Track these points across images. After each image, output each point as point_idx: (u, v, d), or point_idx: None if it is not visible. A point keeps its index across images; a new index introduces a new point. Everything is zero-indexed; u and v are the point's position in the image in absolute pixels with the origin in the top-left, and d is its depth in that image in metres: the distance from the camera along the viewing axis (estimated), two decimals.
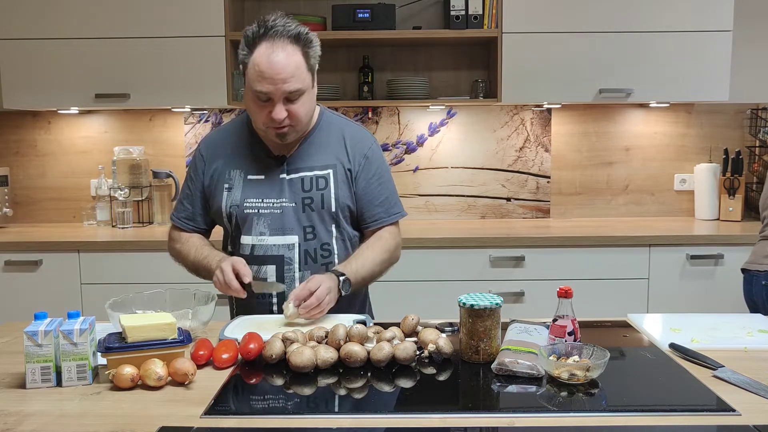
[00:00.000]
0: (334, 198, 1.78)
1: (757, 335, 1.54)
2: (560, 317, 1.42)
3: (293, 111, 1.68)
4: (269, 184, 1.78)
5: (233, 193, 1.79)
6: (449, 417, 1.16)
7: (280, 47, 1.65)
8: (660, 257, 2.90)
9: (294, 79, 1.65)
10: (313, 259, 1.78)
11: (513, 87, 3.03)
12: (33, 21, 3.03)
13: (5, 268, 2.93)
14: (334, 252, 1.80)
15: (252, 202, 1.77)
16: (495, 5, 3.02)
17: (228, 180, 1.80)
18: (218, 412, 1.18)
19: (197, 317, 1.54)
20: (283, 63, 1.64)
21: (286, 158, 1.79)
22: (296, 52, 1.66)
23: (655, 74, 3.03)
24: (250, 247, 1.78)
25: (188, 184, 1.88)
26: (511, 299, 2.86)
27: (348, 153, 1.82)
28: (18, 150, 3.46)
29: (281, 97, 1.66)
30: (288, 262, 1.76)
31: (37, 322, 1.33)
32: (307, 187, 1.77)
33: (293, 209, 1.76)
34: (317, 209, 1.77)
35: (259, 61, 1.65)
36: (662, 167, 3.43)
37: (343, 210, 1.80)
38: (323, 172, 1.79)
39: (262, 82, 1.64)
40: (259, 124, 1.73)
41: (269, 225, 1.76)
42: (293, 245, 1.76)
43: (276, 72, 1.63)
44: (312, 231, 1.77)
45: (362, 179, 1.81)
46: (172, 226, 1.93)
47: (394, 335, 1.43)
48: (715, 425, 1.13)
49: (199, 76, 3.04)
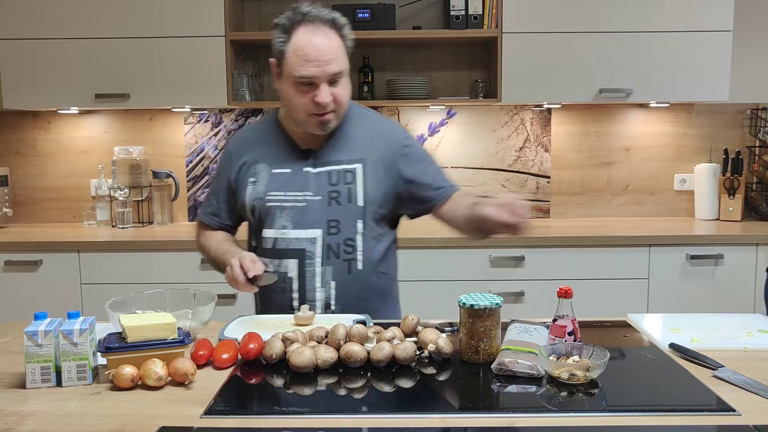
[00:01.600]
0: (362, 192, 1.74)
1: (757, 335, 1.54)
2: (560, 317, 1.42)
3: (336, 94, 1.67)
4: (294, 178, 1.76)
5: (257, 187, 1.77)
6: (449, 417, 1.16)
7: (321, 31, 1.66)
8: (660, 257, 2.90)
9: (337, 61, 1.65)
10: (336, 254, 1.74)
11: (513, 87, 3.03)
12: (33, 21, 3.03)
13: (5, 268, 2.93)
14: (358, 248, 1.75)
15: (275, 195, 1.75)
16: (495, 5, 3.02)
17: (254, 174, 1.79)
18: (218, 412, 1.18)
19: (197, 317, 1.54)
20: (326, 45, 1.64)
21: (312, 152, 1.77)
22: (335, 35, 1.67)
23: (655, 74, 3.03)
24: (272, 240, 1.75)
25: (215, 180, 1.89)
26: (511, 299, 2.86)
27: (382, 147, 1.78)
28: (18, 150, 3.46)
29: (325, 79, 1.65)
30: (309, 257, 1.73)
31: (37, 322, 1.33)
32: (335, 181, 1.74)
33: (319, 202, 1.73)
34: (344, 203, 1.74)
35: (301, 45, 1.64)
36: (662, 167, 3.43)
37: (371, 205, 1.75)
38: (351, 166, 1.76)
39: (306, 65, 1.63)
40: (300, 113, 1.70)
41: (292, 218, 1.74)
42: (316, 239, 1.73)
43: (321, 53, 1.63)
44: (336, 225, 1.73)
45: (407, 167, 1.79)
46: (199, 221, 1.94)
47: (394, 335, 1.43)
48: (715, 425, 1.13)
49: (199, 76, 3.04)
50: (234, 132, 1.96)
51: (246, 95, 3.16)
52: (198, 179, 3.45)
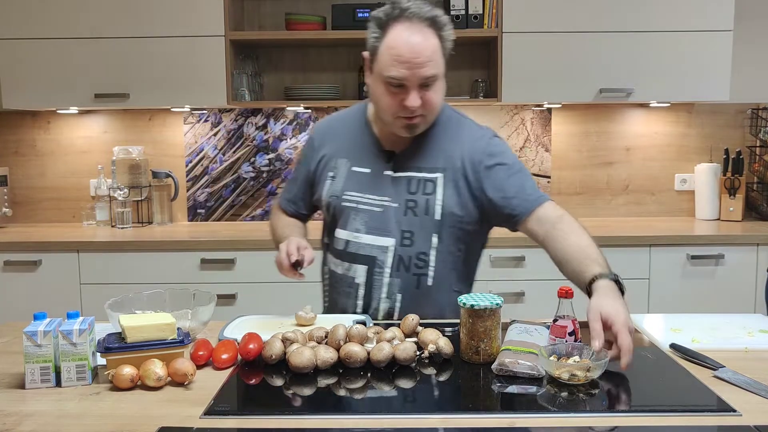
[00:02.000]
0: (441, 205, 1.65)
1: (758, 335, 1.53)
2: (561, 317, 1.42)
3: (427, 99, 1.57)
4: (373, 180, 1.68)
5: (336, 183, 1.72)
6: (449, 417, 1.15)
7: (418, 29, 1.53)
8: (660, 257, 2.90)
9: (431, 64, 1.54)
10: (406, 267, 1.66)
11: (513, 87, 3.03)
12: (33, 21, 3.03)
13: (5, 268, 2.92)
14: (430, 264, 1.66)
15: (352, 195, 1.69)
16: (495, 5, 3.02)
17: (333, 168, 1.73)
18: (218, 412, 1.17)
19: (197, 317, 1.54)
20: (421, 46, 1.53)
21: (395, 154, 1.69)
22: (433, 36, 1.56)
23: (655, 74, 3.03)
24: (344, 242, 1.70)
25: (297, 166, 1.87)
26: (511, 299, 2.86)
27: (467, 157, 1.67)
28: (17, 150, 3.46)
29: (417, 83, 1.54)
30: (380, 265, 1.66)
31: (36, 322, 1.32)
32: (413, 189, 1.66)
33: (394, 210, 1.66)
34: (420, 215, 1.65)
35: (395, 44, 1.53)
36: (663, 167, 3.43)
37: (449, 219, 1.65)
38: (432, 175, 1.66)
39: (398, 66, 1.53)
40: (387, 114, 1.61)
41: (366, 222, 1.67)
42: (388, 248, 1.65)
43: (414, 55, 1.52)
44: (410, 237, 1.65)
45: (490, 178, 1.66)
46: (278, 204, 1.94)
47: (394, 335, 1.43)
48: (716, 425, 1.13)
49: (199, 76, 3.04)
50: (322, 119, 1.90)
51: (246, 95, 3.15)
52: (197, 179, 3.45)
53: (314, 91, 3.17)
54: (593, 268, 1.45)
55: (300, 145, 3.42)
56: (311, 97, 3.16)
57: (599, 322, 1.30)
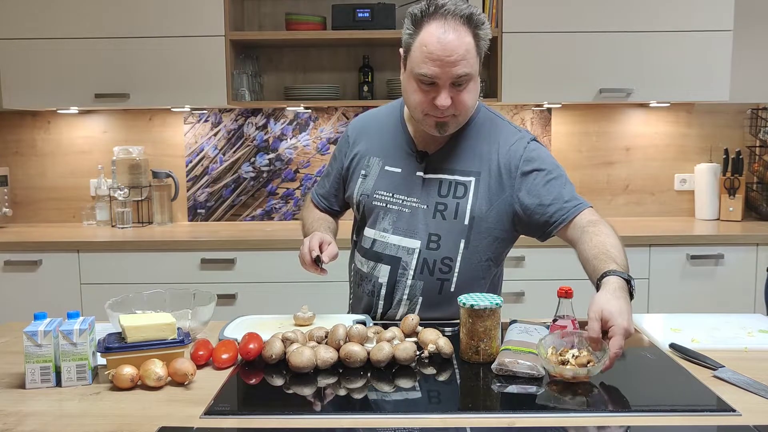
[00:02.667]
0: (470, 209, 1.62)
1: (758, 335, 1.54)
2: (560, 317, 1.42)
3: (458, 99, 1.54)
4: (403, 179, 1.67)
5: (367, 181, 1.71)
6: (449, 417, 1.16)
7: (452, 27, 1.50)
8: (660, 257, 2.90)
9: (464, 63, 1.51)
10: (430, 270, 1.64)
11: (513, 87, 3.03)
12: (33, 21, 3.03)
13: (5, 268, 2.93)
14: (455, 269, 1.64)
15: (382, 194, 1.68)
16: (495, 5, 3.02)
17: (366, 167, 1.73)
18: (218, 412, 1.17)
19: (197, 317, 1.54)
20: (454, 44, 1.49)
21: (428, 155, 1.67)
22: (468, 34, 1.51)
23: (655, 74, 3.03)
24: (372, 241, 1.69)
25: (331, 162, 1.87)
26: (511, 299, 2.86)
27: (502, 161, 1.64)
28: (18, 150, 3.46)
29: (448, 81, 1.52)
30: (404, 267, 1.64)
31: (36, 322, 1.33)
32: (444, 192, 1.64)
33: (423, 212, 1.64)
34: (449, 218, 1.63)
35: (428, 41, 1.50)
36: (662, 167, 3.43)
37: (479, 225, 1.63)
38: (465, 179, 1.64)
39: (429, 63, 1.50)
40: (417, 112, 1.59)
41: (393, 222, 1.66)
42: (414, 250, 1.64)
43: (447, 53, 1.49)
44: (437, 240, 1.63)
45: (525, 185, 1.62)
46: (311, 198, 1.94)
47: (394, 335, 1.43)
48: (716, 425, 1.13)
49: (199, 76, 3.04)
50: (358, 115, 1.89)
51: (246, 95, 3.15)
52: (198, 179, 3.45)
53: (314, 91, 3.17)
54: (608, 264, 1.42)
55: (300, 145, 3.42)
56: (311, 97, 3.17)
57: (598, 322, 1.28)
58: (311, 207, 1.91)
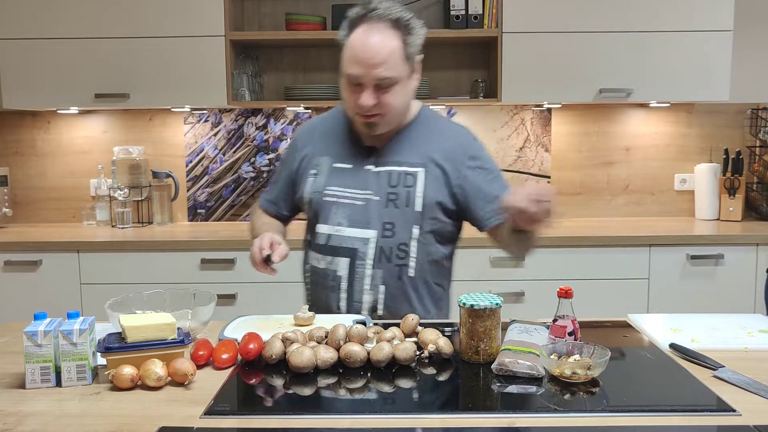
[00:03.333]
0: (421, 197, 1.70)
1: (758, 335, 1.54)
2: (560, 317, 1.42)
3: (383, 100, 1.62)
4: (354, 175, 1.73)
5: (318, 180, 1.76)
6: (449, 417, 1.16)
7: (378, 31, 1.59)
8: (660, 257, 2.90)
9: (386, 66, 1.59)
10: (388, 258, 1.70)
11: (513, 87, 3.03)
12: (33, 21, 3.03)
13: (5, 268, 2.93)
14: (411, 254, 1.71)
15: (333, 190, 1.73)
16: (495, 5, 3.02)
17: (315, 166, 1.78)
18: (218, 412, 1.17)
19: (197, 317, 1.54)
20: (377, 47, 1.58)
21: (376, 149, 1.74)
22: (394, 38, 1.60)
23: (655, 74, 3.03)
24: (327, 236, 1.73)
25: (280, 168, 1.91)
26: (511, 299, 2.86)
27: (448, 155, 1.73)
28: (18, 150, 3.46)
29: (371, 82, 1.60)
30: (361, 257, 1.70)
31: (36, 322, 1.33)
32: (394, 182, 1.71)
33: (376, 203, 1.70)
34: (401, 206, 1.70)
35: (354, 44, 1.60)
36: (662, 167, 3.43)
37: (429, 211, 1.71)
38: (413, 169, 1.71)
39: (354, 65, 1.60)
40: (349, 111, 1.69)
41: (348, 216, 1.71)
42: (369, 240, 1.69)
43: (368, 56, 1.58)
44: (391, 228, 1.69)
45: (472, 179, 1.73)
46: (259, 204, 1.96)
47: (394, 335, 1.43)
48: (715, 425, 1.13)
49: (199, 76, 3.04)
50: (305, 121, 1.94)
51: (246, 95, 3.15)
52: (198, 179, 3.45)
53: (314, 91, 3.17)
54: None
55: None
56: (311, 97, 3.16)
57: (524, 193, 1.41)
58: (260, 213, 1.93)
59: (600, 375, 1.28)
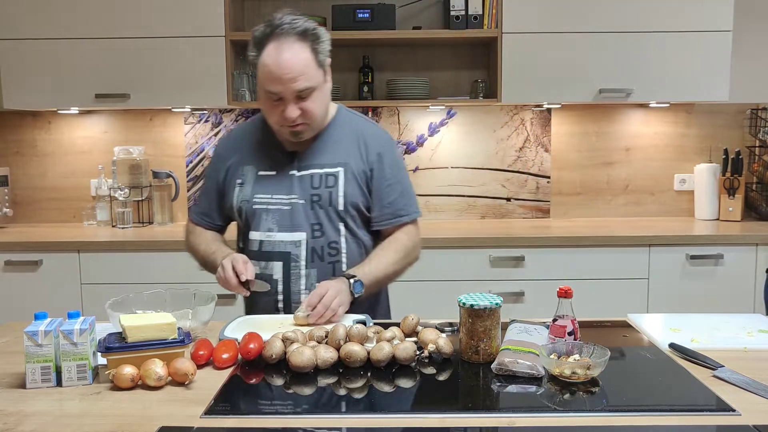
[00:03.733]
0: (342, 196, 1.76)
1: (757, 335, 1.54)
2: (560, 317, 1.42)
3: (306, 108, 1.68)
4: (279, 181, 1.78)
5: (245, 189, 1.81)
6: (449, 417, 1.16)
7: (287, 46, 1.64)
8: (660, 257, 2.90)
9: (303, 77, 1.65)
10: (320, 257, 1.77)
11: (513, 87, 3.03)
12: (33, 21, 3.03)
13: (5, 268, 2.93)
14: (342, 251, 1.78)
15: (261, 197, 1.78)
16: (495, 5, 3.02)
17: (241, 176, 1.82)
18: (218, 412, 1.18)
19: (197, 317, 1.54)
20: (291, 62, 1.64)
21: (297, 154, 1.80)
22: (304, 50, 1.66)
23: (655, 74, 3.03)
24: (258, 243, 1.78)
25: (206, 181, 1.93)
26: (511, 299, 2.86)
27: (362, 152, 1.80)
28: (18, 150, 3.46)
29: (292, 96, 1.66)
30: (294, 259, 1.76)
31: (37, 322, 1.33)
32: (316, 184, 1.77)
33: (302, 206, 1.76)
34: (325, 206, 1.76)
35: (267, 62, 1.65)
36: (662, 167, 3.43)
37: (351, 209, 1.78)
38: (333, 170, 1.78)
39: (272, 82, 1.65)
40: (273, 124, 1.74)
41: (277, 221, 1.77)
42: (300, 242, 1.76)
43: (284, 72, 1.63)
44: (320, 228, 1.76)
45: (375, 179, 1.81)
46: (189, 220, 1.96)
47: (394, 335, 1.43)
48: (715, 425, 1.13)
49: (199, 76, 3.04)
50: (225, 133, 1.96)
51: (246, 95, 3.15)
52: (198, 179, 3.45)
53: None
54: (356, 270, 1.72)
55: None
56: None
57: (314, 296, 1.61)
58: (196, 232, 1.93)
59: (599, 375, 1.28)
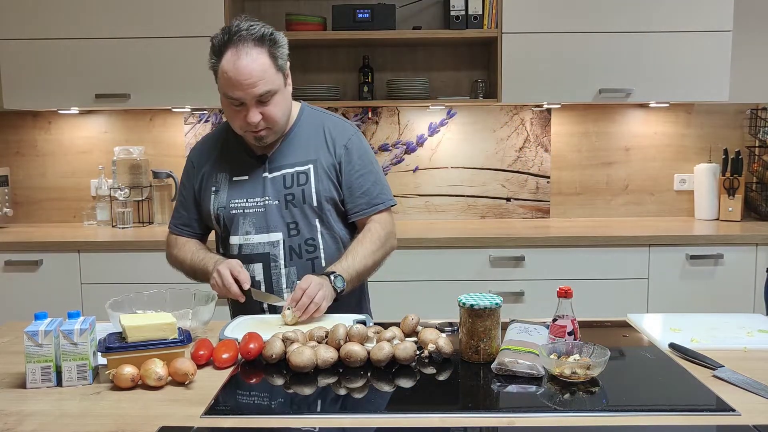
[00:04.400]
0: (315, 192, 1.78)
1: (757, 335, 1.54)
2: (560, 317, 1.42)
3: (267, 113, 1.70)
4: (252, 184, 1.80)
5: (220, 195, 1.82)
6: (449, 417, 1.16)
7: (245, 52, 1.65)
8: (660, 257, 2.90)
9: (263, 82, 1.66)
10: (298, 254, 1.78)
11: (513, 87, 3.03)
12: (33, 21, 3.03)
13: (5, 268, 2.93)
14: (320, 247, 1.80)
15: (237, 202, 1.80)
16: (495, 5, 3.02)
17: (215, 183, 1.84)
18: (218, 412, 1.18)
19: (197, 317, 1.54)
20: (249, 68, 1.64)
21: (267, 157, 1.81)
22: (262, 55, 1.67)
23: (655, 74, 3.03)
24: (238, 246, 1.80)
25: (182, 191, 1.93)
26: (511, 299, 2.86)
27: (329, 146, 1.82)
28: (18, 150, 3.46)
29: (253, 101, 1.67)
30: (273, 259, 1.78)
31: (37, 322, 1.33)
32: (288, 184, 1.79)
33: (276, 207, 1.78)
34: (299, 205, 1.78)
35: (226, 69, 1.66)
36: (662, 167, 3.43)
37: (326, 204, 1.79)
38: (304, 168, 1.80)
39: (232, 89, 1.66)
40: (237, 129, 1.75)
41: (254, 224, 1.79)
42: (278, 242, 1.78)
43: (243, 78, 1.64)
44: (295, 227, 1.78)
45: (344, 171, 1.82)
46: (170, 233, 1.96)
47: (394, 335, 1.43)
48: (715, 425, 1.13)
49: (199, 76, 3.02)
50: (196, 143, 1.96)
51: None
52: None
53: (314, 91, 3.17)
54: (335, 266, 1.72)
55: None
56: (311, 97, 3.16)
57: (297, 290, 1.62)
58: (179, 243, 1.93)
59: (599, 375, 1.28)
